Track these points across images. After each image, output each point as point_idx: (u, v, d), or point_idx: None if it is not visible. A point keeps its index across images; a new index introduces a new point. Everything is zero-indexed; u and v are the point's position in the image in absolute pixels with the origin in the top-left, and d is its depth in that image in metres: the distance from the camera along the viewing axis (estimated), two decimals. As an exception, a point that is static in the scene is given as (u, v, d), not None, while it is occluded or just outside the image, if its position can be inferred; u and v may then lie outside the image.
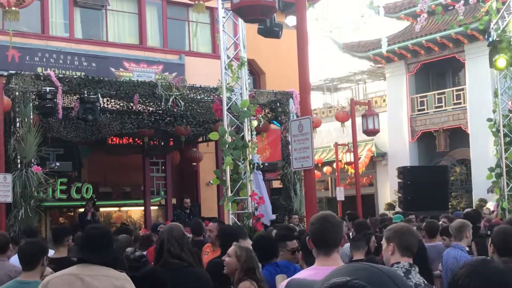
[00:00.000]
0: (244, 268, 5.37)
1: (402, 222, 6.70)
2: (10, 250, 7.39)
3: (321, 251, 3.65)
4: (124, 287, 4.39)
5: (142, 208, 19.82)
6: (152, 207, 19.87)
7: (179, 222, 14.46)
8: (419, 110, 28.31)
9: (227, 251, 5.56)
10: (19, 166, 12.11)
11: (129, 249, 6.56)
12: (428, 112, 27.94)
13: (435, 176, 20.07)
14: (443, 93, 27.76)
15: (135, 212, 21.43)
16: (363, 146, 28.48)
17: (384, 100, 30.36)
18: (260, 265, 5.66)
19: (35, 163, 12.32)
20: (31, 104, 12.48)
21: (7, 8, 9.83)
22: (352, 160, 21.75)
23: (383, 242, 4.61)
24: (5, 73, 13.03)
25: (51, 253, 7.59)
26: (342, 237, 3.77)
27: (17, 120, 12.32)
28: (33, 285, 5.10)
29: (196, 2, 10.49)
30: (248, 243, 7.51)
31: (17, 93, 12.36)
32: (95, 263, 4.42)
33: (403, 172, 20.07)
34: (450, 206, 21.73)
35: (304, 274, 3.69)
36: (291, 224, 12.29)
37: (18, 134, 12.17)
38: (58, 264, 6.11)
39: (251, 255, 5.48)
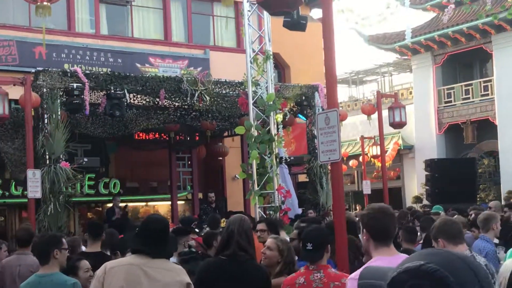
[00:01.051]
0: (286, 261, 5.37)
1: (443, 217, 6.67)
2: None
3: (380, 242, 3.63)
4: (183, 281, 4.41)
5: (169, 202, 19.92)
6: (178, 202, 19.96)
7: (205, 217, 14.57)
8: (446, 102, 28.04)
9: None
10: (47, 162, 12.21)
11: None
12: (455, 104, 27.65)
13: (463, 169, 19.92)
14: (470, 84, 27.46)
15: (162, 206, 21.54)
16: (390, 139, 28.29)
17: (410, 93, 30.12)
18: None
19: (63, 159, 12.42)
20: (58, 100, 12.57)
21: (38, 3, 9.89)
22: (379, 153, 21.60)
23: (434, 244, 4.67)
24: (33, 70, 13.14)
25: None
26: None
27: (45, 116, 12.42)
28: (51, 277, 5.19)
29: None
30: (283, 234, 7.54)
31: (45, 90, 12.46)
32: (156, 257, 4.42)
33: (430, 165, 19.94)
34: (478, 199, 21.53)
35: (374, 265, 3.64)
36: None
37: (46, 130, 12.27)
38: (92, 258, 6.18)
39: (291, 248, 5.48)
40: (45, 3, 10.04)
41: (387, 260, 3.40)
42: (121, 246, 7.12)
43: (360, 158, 26.13)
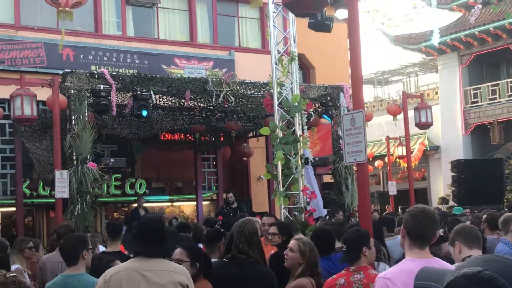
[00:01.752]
0: (309, 263, 5.39)
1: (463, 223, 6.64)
2: None
3: (415, 243, 3.63)
4: (183, 281, 4.41)
5: (194, 203, 20.01)
6: (204, 202, 20.05)
7: (223, 217, 14.56)
8: (472, 103, 27.80)
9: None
10: (75, 162, 12.34)
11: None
12: (482, 105, 27.41)
13: (490, 170, 19.69)
14: (497, 84, 27.20)
15: (187, 207, 21.64)
16: (415, 139, 28.13)
17: (436, 93, 29.92)
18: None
19: (90, 159, 12.55)
20: (86, 101, 12.70)
21: (61, 8, 9.99)
22: (404, 153, 21.49)
23: (450, 248, 4.68)
24: (61, 72, 13.30)
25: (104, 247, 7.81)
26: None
27: (73, 117, 12.55)
28: (78, 278, 5.22)
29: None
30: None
31: (72, 91, 12.59)
32: (153, 257, 4.45)
33: (457, 165, 19.76)
34: (505, 200, 21.30)
35: (404, 266, 3.64)
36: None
37: (73, 131, 12.40)
38: (112, 259, 6.23)
39: (314, 249, 5.50)
40: (67, 8, 10.15)
41: (418, 262, 3.40)
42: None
43: (386, 159, 26.01)
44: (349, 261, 4.93)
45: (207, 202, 20.91)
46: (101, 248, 7.80)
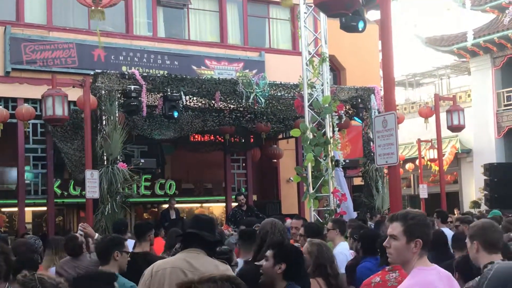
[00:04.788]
0: (316, 263, 5.33)
1: (486, 218, 6.50)
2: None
3: (424, 251, 3.60)
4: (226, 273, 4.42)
5: (224, 204, 20.01)
6: (233, 203, 20.03)
7: (235, 220, 14.43)
8: (505, 105, 27.39)
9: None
10: (105, 163, 12.39)
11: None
12: (515, 107, 27.02)
13: (523, 173, 19.39)
14: (531, 87, 26.78)
15: (217, 208, 21.66)
16: (447, 142, 27.81)
17: (468, 95, 29.55)
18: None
19: (120, 160, 12.58)
20: (116, 102, 12.74)
21: (93, 8, 10.03)
22: (436, 156, 21.24)
23: (467, 240, 4.52)
24: (92, 72, 13.37)
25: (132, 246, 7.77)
26: None
27: (103, 118, 12.60)
28: None
29: (284, -3, 10.46)
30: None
31: (103, 92, 12.64)
32: (203, 243, 4.47)
33: (489, 169, 19.51)
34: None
35: (430, 276, 3.60)
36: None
37: (104, 132, 12.45)
38: (140, 259, 6.21)
39: (322, 250, 5.43)
40: (99, 8, 10.17)
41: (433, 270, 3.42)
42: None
43: (417, 162, 25.74)
44: (387, 263, 4.91)
45: (237, 204, 20.88)
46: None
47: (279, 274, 4.46)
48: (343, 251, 7.27)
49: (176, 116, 13.50)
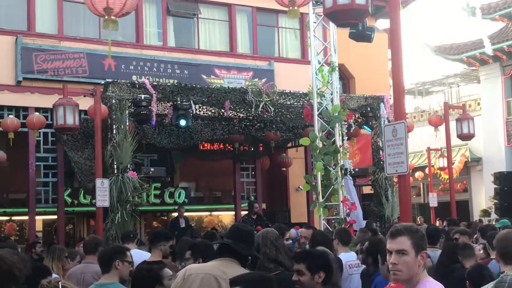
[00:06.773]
0: None
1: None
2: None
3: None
4: None
5: (233, 212, 20.03)
6: (242, 212, 20.05)
7: None
8: (515, 114, 27.32)
9: None
10: (115, 171, 12.43)
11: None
12: (525, 116, 26.92)
13: (533, 182, 19.34)
14: (541, 95, 26.69)
15: (226, 216, 21.68)
16: (457, 151, 27.73)
17: (478, 104, 29.48)
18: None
19: (130, 168, 12.63)
20: (127, 111, 12.77)
21: (106, 17, 10.09)
22: (445, 165, 21.21)
23: (491, 254, 4.58)
24: (102, 82, 13.44)
25: (147, 256, 7.79)
26: None
27: (114, 127, 12.64)
28: (109, 287, 5.28)
29: (290, 8, 10.50)
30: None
31: (113, 101, 12.69)
32: (237, 254, 4.50)
33: (499, 178, 19.47)
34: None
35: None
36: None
37: (114, 141, 12.50)
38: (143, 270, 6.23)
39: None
40: (112, 17, 10.23)
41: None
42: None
43: (426, 170, 25.70)
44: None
45: (246, 212, 20.91)
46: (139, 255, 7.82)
47: (319, 284, 4.43)
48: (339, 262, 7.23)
49: (185, 125, 13.53)
